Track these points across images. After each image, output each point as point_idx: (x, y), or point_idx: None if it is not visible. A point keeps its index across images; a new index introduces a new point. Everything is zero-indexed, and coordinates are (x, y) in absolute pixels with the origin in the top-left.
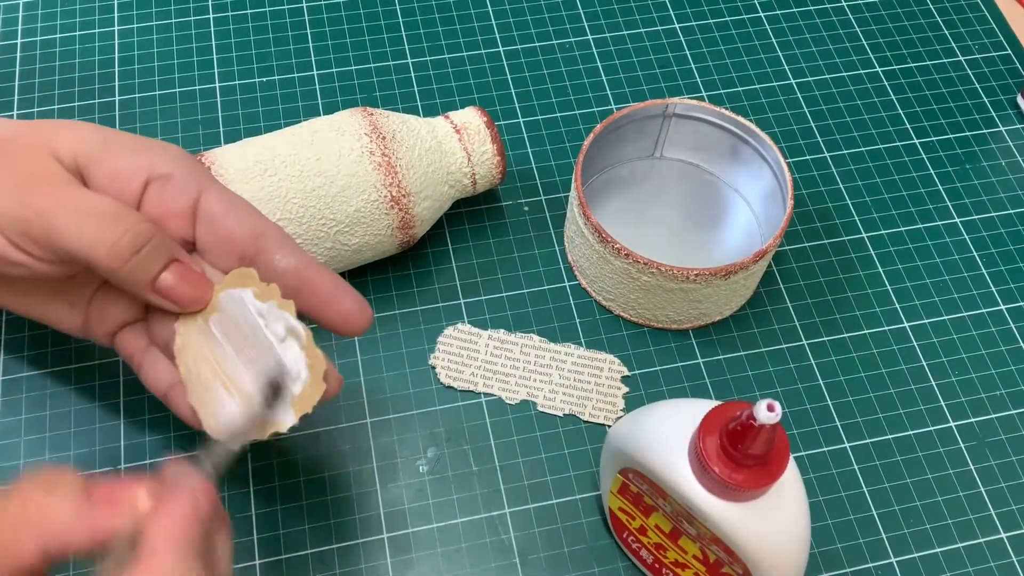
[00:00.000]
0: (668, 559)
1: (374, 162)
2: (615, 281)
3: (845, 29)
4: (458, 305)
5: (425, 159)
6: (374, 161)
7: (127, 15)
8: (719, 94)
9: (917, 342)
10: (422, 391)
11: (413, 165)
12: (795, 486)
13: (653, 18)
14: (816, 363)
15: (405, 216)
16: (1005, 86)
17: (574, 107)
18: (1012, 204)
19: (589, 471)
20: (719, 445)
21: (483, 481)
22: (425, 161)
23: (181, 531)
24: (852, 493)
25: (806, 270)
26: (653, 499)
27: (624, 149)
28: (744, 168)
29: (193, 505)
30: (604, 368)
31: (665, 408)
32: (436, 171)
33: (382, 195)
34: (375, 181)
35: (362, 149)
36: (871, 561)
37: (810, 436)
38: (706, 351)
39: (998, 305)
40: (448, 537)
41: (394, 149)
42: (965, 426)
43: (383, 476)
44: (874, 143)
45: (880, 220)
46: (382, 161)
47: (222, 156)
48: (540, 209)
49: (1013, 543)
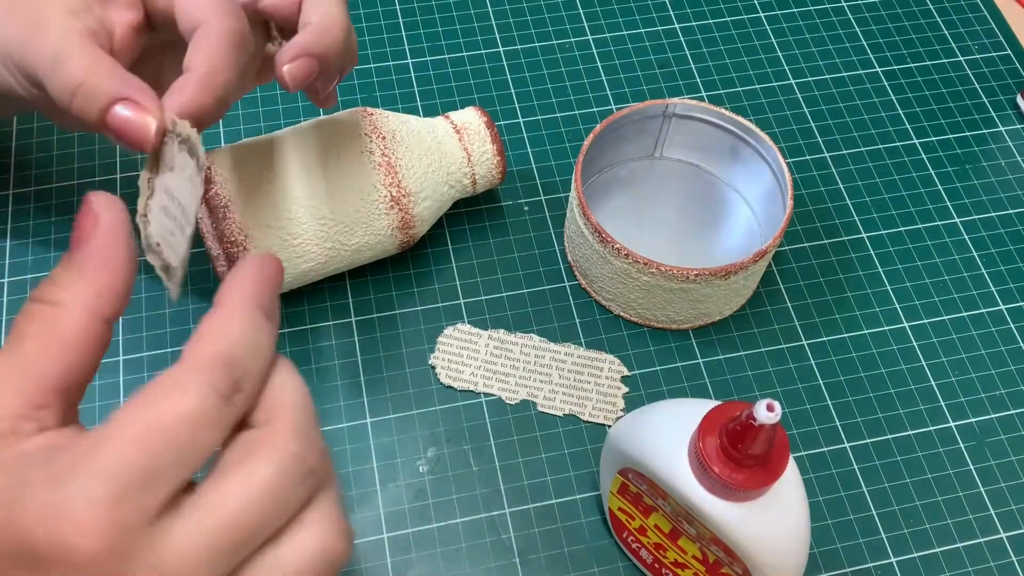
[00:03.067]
0: (668, 559)
1: (373, 162)
2: (615, 281)
3: (845, 29)
4: (458, 305)
5: (425, 159)
6: (373, 161)
7: None
8: (719, 94)
9: (917, 342)
10: (422, 391)
11: (413, 165)
12: (795, 486)
13: (653, 18)
14: (816, 363)
15: (405, 216)
16: (1005, 86)
17: (574, 107)
18: (1012, 204)
19: (589, 471)
20: (719, 445)
21: (483, 481)
22: (425, 161)
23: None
24: (852, 493)
25: (806, 270)
26: (653, 499)
27: (624, 149)
28: (744, 168)
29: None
30: (604, 368)
31: (665, 408)
32: (436, 171)
33: (382, 195)
34: (375, 181)
35: (361, 149)
36: (871, 561)
37: (810, 436)
38: (706, 351)
39: (998, 305)
40: (448, 537)
41: (394, 149)
42: (965, 426)
43: (383, 476)
44: (874, 143)
45: (880, 220)
46: (381, 161)
47: (221, 157)
48: (540, 209)
49: (1013, 543)
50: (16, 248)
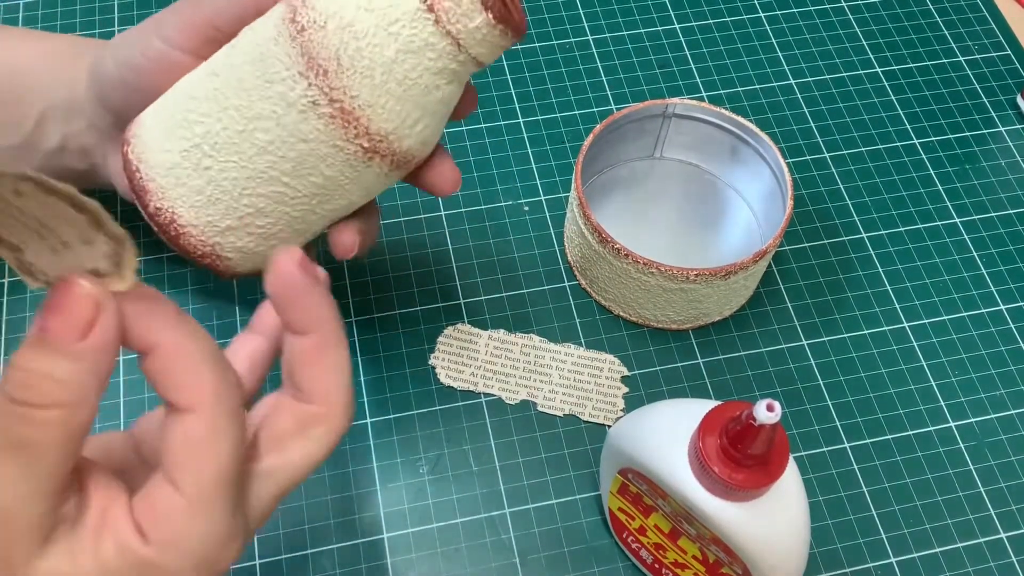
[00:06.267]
0: (668, 559)
1: (321, 115)
2: (615, 281)
3: (845, 29)
4: (458, 305)
5: (396, 71)
6: (321, 114)
7: (127, 15)
8: (719, 94)
9: (917, 342)
10: (422, 391)
11: (380, 92)
12: (795, 486)
13: (653, 18)
14: (816, 363)
15: (394, 157)
16: (1005, 86)
17: (574, 107)
18: (1012, 204)
19: (589, 471)
20: (719, 445)
21: (483, 481)
22: (397, 74)
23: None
24: (852, 493)
25: (806, 270)
26: (653, 499)
27: (624, 149)
28: (744, 168)
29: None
30: (604, 368)
31: (665, 408)
32: (417, 77)
33: (350, 152)
34: (333, 139)
35: (302, 102)
36: (871, 561)
37: (810, 436)
38: (706, 351)
39: (998, 305)
40: (448, 537)
41: (345, 85)
42: (965, 426)
43: (383, 476)
44: (874, 143)
45: (880, 220)
46: (333, 111)
47: (146, 141)
48: (540, 209)
49: (1013, 543)
50: None
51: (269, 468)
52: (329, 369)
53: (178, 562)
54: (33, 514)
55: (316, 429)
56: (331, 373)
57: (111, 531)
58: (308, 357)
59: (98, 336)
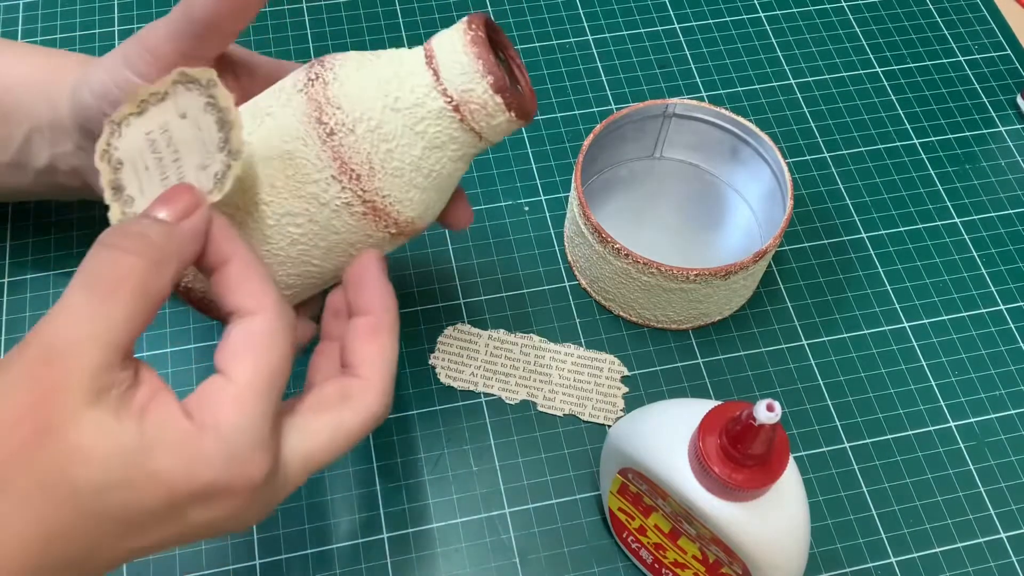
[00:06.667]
0: (668, 559)
1: (354, 213)
2: (615, 281)
3: (845, 29)
4: (458, 305)
5: (423, 167)
6: (354, 212)
7: (127, 15)
8: (719, 94)
9: (917, 342)
10: (422, 391)
11: (408, 188)
12: (795, 486)
13: (653, 18)
14: (816, 363)
15: (415, 232)
16: (1005, 86)
17: (574, 107)
18: (1012, 204)
19: (589, 471)
20: (719, 445)
21: (483, 481)
22: (424, 169)
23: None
24: (852, 493)
25: (806, 270)
26: (653, 499)
27: (624, 149)
28: (744, 168)
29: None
30: (604, 368)
31: (665, 408)
32: (440, 168)
33: (378, 237)
34: (364, 230)
35: (335, 203)
36: (871, 561)
37: (810, 436)
38: (706, 351)
39: (998, 305)
40: (448, 537)
41: (377, 187)
42: (964, 426)
43: (383, 476)
44: (874, 143)
45: (880, 220)
46: (365, 210)
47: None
48: (540, 209)
49: (1013, 543)
50: (16, 248)
51: (304, 424)
52: (377, 348)
53: (214, 445)
54: (93, 357)
55: (353, 400)
56: (377, 352)
57: (157, 407)
58: (361, 333)
59: (192, 222)
